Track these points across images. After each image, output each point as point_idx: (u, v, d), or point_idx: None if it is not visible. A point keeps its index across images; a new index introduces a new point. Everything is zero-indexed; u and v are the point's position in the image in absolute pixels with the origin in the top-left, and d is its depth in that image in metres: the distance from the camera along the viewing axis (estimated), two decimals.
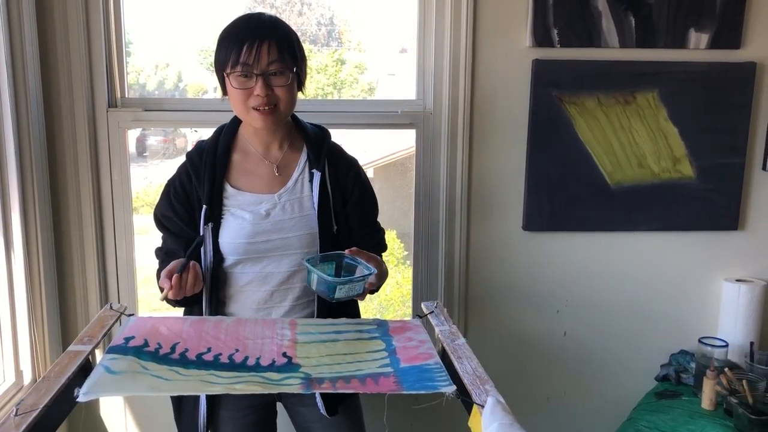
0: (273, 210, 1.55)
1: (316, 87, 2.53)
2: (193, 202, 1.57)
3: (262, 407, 1.66)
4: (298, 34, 1.56)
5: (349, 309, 1.63)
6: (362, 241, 1.61)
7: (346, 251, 1.46)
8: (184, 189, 1.58)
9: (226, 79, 1.49)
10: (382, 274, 1.57)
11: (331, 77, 2.54)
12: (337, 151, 1.66)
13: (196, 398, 1.57)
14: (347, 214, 1.62)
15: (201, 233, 1.54)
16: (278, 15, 1.58)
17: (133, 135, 2.36)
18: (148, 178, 2.59)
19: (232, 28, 1.50)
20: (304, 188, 1.58)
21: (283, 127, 1.60)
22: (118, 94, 2.10)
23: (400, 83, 2.42)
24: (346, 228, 1.62)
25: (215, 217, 1.55)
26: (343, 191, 1.62)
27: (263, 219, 1.54)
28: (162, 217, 1.60)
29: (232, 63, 1.46)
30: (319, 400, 1.57)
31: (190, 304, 1.60)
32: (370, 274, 1.41)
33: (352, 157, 1.70)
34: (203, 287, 1.55)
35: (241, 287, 1.57)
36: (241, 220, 1.54)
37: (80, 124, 2.02)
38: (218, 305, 1.58)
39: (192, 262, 1.44)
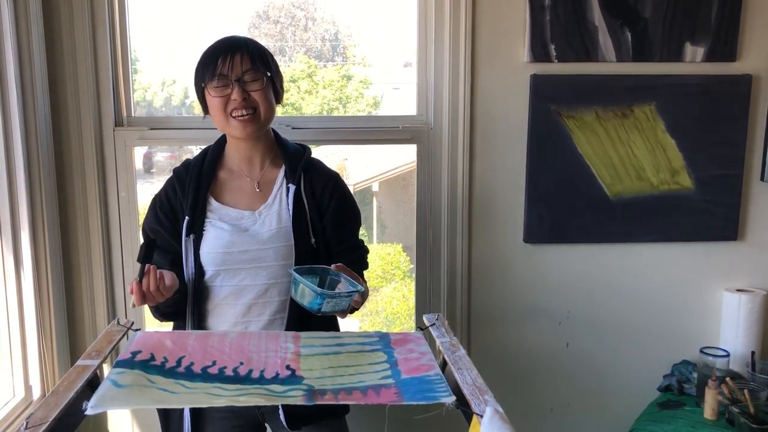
0: (253, 225, 1.60)
1: (322, 102, 2.57)
2: (177, 214, 1.62)
3: (249, 428, 1.67)
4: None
5: (324, 323, 1.62)
6: (341, 256, 1.63)
7: (332, 266, 1.49)
8: (169, 202, 1.64)
9: (206, 91, 1.56)
10: (363, 294, 1.59)
11: (336, 92, 2.57)
12: (316, 166, 1.69)
13: (181, 415, 1.60)
14: (325, 227, 1.65)
15: (183, 245, 1.58)
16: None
17: (140, 152, 2.39)
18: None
19: (207, 50, 1.59)
20: (282, 202, 1.62)
21: (264, 143, 1.65)
22: (125, 113, 2.14)
23: (405, 96, 2.45)
24: (325, 242, 1.65)
25: (197, 229, 1.59)
26: (319, 204, 1.65)
27: (242, 231, 1.59)
28: (149, 230, 1.65)
29: (209, 75, 1.54)
30: (281, 413, 1.57)
31: (174, 318, 1.63)
32: (356, 291, 1.43)
33: (333, 171, 1.73)
34: (188, 300, 1.59)
35: (220, 301, 1.61)
36: (220, 231, 1.59)
37: (87, 143, 2.07)
38: (200, 319, 1.62)
39: (152, 266, 1.44)
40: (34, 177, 1.93)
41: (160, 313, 1.60)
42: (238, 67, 1.53)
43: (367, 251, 1.75)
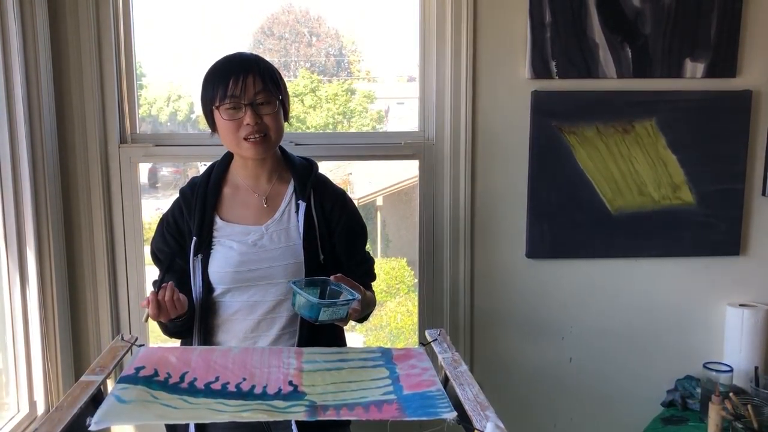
0: (260, 240, 1.60)
1: (326, 116, 2.58)
2: (184, 235, 1.63)
3: None
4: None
5: (333, 338, 1.65)
6: (352, 270, 1.65)
7: (332, 277, 1.51)
8: (176, 222, 1.65)
9: (216, 113, 1.56)
10: (368, 303, 1.63)
11: (341, 107, 2.59)
12: (324, 183, 1.71)
13: (187, 424, 1.60)
14: (334, 243, 1.66)
15: (191, 265, 1.60)
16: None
17: (145, 167, 2.42)
18: (161, 209, 2.65)
19: (217, 67, 1.59)
20: (291, 219, 1.63)
21: (272, 160, 1.66)
22: (129, 130, 2.16)
23: (410, 110, 2.47)
24: (332, 257, 1.66)
25: (205, 249, 1.60)
26: (329, 222, 1.66)
27: (250, 248, 1.59)
28: (157, 251, 1.67)
29: (221, 97, 1.53)
30: (293, 424, 1.56)
31: (183, 336, 1.64)
32: (353, 300, 1.45)
33: (339, 188, 1.74)
34: (194, 316, 1.60)
35: (229, 316, 1.62)
36: (228, 250, 1.59)
37: (93, 160, 2.09)
38: (207, 334, 1.63)
39: (169, 283, 1.48)
40: (39, 193, 1.95)
41: (170, 332, 1.61)
42: (251, 90, 1.53)
43: (373, 262, 1.78)
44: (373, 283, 1.78)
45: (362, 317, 1.70)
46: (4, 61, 1.83)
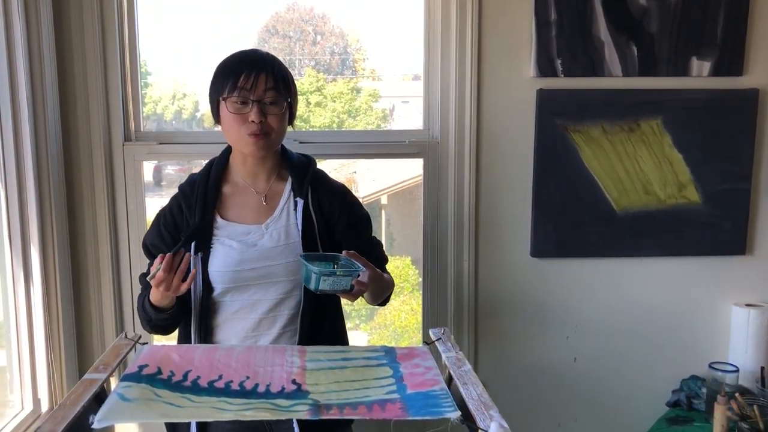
0: (260, 240, 1.59)
1: (331, 114, 2.58)
2: (182, 232, 1.62)
3: None
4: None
5: (335, 336, 1.67)
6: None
7: (343, 252, 1.51)
8: (174, 219, 1.64)
9: (222, 104, 1.55)
10: (387, 285, 1.63)
11: (345, 105, 2.59)
12: (321, 179, 1.69)
13: (188, 423, 1.59)
14: (337, 241, 1.65)
15: (191, 263, 1.57)
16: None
17: (149, 165, 2.42)
18: None
19: (231, 60, 1.58)
20: (290, 217, 1.62)
21: (271, 159, 1.65)
22: (134, 128, 2.16)
23: (414, 109, 2.46)
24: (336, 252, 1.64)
25: (205, 247, 1.59)
26: (328, 219, 1.65)
27: (250, 248, 1.58)
28: (150, 246, 1.65)
29: (230, 89, 1.53)
30: (294, 423, 1.56)
31: (163, 332, 1.63)
32: (356, 271, 1.45)
33: (339, 183, 1.73)
34: (191, 316, 1.59)
35: (230, 315, 1.61)
36: (228, 249, 1.58)
37: (97, 158, 2.09)
38: (206, 334, 1.62)
39: (183, 249, 1.46)
40: (44, 191, 1.95)
41: (151, 324, 1.59)
42: (261, 87, 1.53)
43: (381, 245, 1.77)
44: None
45: (383, 300, 1.69)
46: (9, 59, 1.83)
